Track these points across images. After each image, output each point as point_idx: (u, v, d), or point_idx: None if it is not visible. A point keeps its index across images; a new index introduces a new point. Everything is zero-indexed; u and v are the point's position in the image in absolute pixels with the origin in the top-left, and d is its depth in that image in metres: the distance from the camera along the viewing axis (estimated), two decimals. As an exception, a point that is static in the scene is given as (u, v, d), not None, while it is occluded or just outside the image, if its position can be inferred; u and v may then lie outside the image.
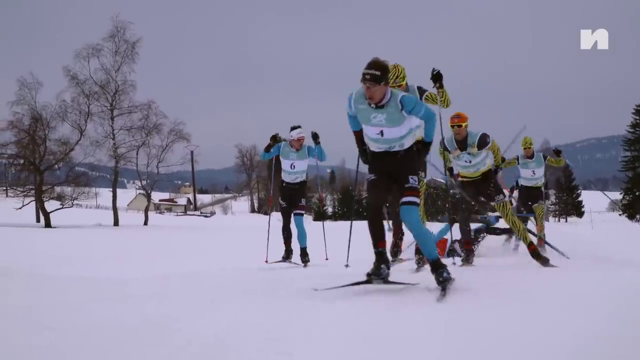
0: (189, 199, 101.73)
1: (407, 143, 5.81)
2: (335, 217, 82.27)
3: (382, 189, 5.85)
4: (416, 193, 5.67)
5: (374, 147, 5.91)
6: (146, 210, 49.88)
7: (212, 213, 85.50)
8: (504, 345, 3.74)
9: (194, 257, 15.38)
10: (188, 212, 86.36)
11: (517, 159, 13.78)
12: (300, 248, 11.52)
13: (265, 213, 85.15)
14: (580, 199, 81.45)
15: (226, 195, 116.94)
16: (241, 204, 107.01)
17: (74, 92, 44.16)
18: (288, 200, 11.56)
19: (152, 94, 75.48)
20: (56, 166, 44.03)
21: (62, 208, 43.20)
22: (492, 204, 9.80)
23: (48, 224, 38.65)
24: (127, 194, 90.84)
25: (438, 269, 5.51)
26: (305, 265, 11.23)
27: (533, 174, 13.65)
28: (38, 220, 43.81)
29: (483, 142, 9.37)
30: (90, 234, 28.81)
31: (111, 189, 48.40)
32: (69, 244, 20.52)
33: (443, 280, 5.40)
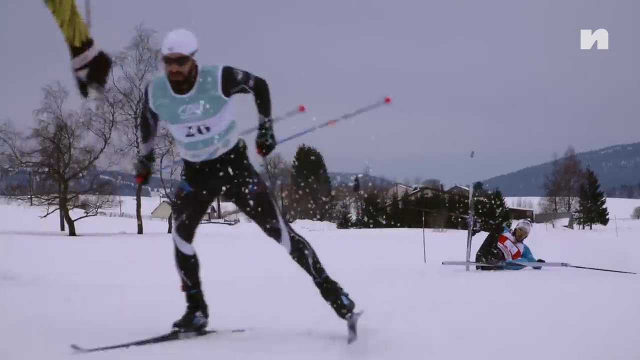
0: (212, 207, 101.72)
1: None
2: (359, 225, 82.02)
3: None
4: None
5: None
6: (170, 218, 49.30)
7: (236, 221, 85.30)
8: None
9: (220, 263, 15.39)
10: (212, 220, 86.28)
11: None
12: None
13: (290, 221, 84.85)
14: (604, 206, 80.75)
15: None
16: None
17: (98, 100, 44.39)
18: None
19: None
20: (80, 174, 44.42)
21: (86, 216, 43.44)
22: None
23: (73, 232, 38.88)
24: (151, 202, 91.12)
25: None
26: None
27: None
28: (62, 228, 44.05)
29: None
30: (114, 242, 28.95)
31: (135, 197, 48.54)
32: (94, 252, 20.65)
33: None
